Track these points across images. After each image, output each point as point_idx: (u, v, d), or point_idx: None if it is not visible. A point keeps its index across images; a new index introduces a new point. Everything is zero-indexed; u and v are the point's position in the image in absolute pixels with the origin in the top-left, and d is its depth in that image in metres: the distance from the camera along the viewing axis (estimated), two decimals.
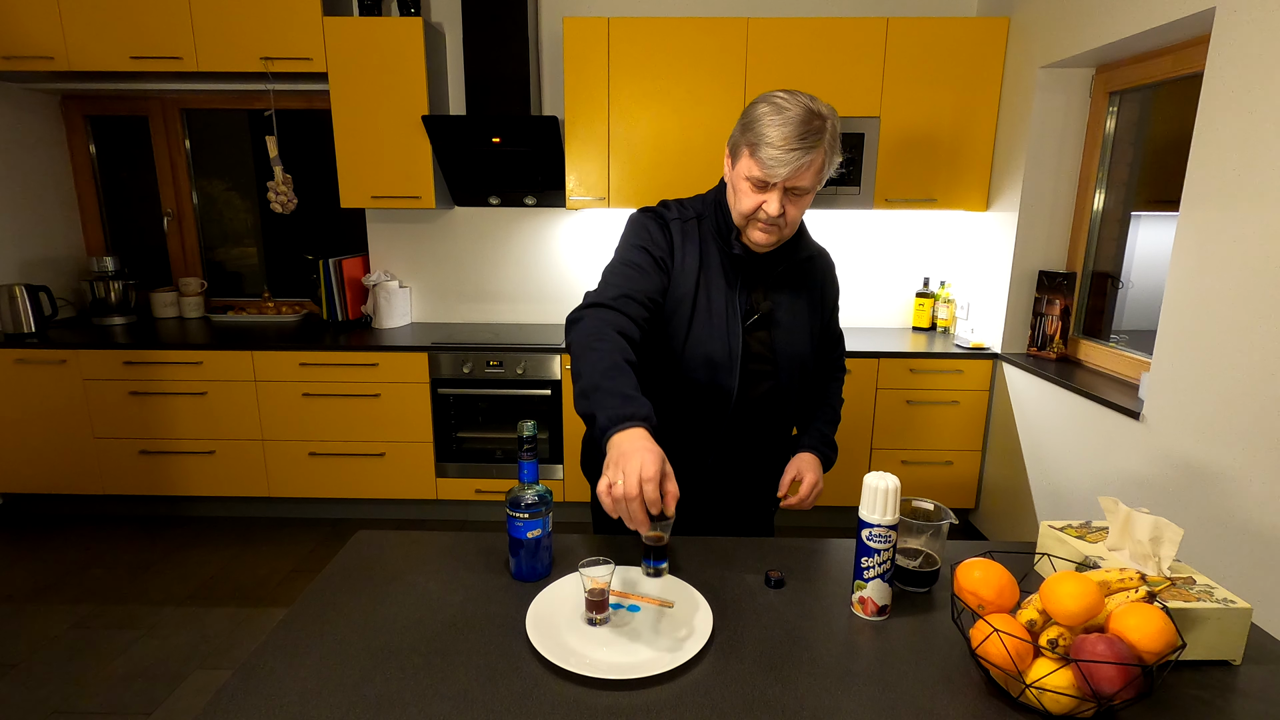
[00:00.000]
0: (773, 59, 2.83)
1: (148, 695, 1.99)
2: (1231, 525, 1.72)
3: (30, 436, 2.96)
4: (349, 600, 1.06)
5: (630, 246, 1.26)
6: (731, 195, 1.26)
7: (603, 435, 0.99)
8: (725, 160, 1.27)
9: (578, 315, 1.18)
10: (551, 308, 3.43)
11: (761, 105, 1.18)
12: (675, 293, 1.26)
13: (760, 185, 1.18)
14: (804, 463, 1.40)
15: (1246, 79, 1.71)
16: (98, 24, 2.80)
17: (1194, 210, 1.87)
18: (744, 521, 1.47)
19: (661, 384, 1.28)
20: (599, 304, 1.18)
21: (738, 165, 1.22)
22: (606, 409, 0.99)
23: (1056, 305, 2.66)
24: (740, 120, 1.21)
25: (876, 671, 0.90)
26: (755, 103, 1.19)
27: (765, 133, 1.14)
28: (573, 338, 1.14)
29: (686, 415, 1.30)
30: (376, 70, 2.86)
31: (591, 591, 0.98)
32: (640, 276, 1.22)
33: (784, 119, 1.13)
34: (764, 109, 1.17)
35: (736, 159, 1.22)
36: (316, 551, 2.86)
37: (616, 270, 1.24)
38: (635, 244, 1.25)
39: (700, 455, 1.34)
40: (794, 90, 1.19)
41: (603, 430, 0.99)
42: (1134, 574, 0.88)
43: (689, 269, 1.26)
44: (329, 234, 3.52)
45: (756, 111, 1.17)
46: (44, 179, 3.30)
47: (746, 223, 1.23)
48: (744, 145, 1.18)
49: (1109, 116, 2.55)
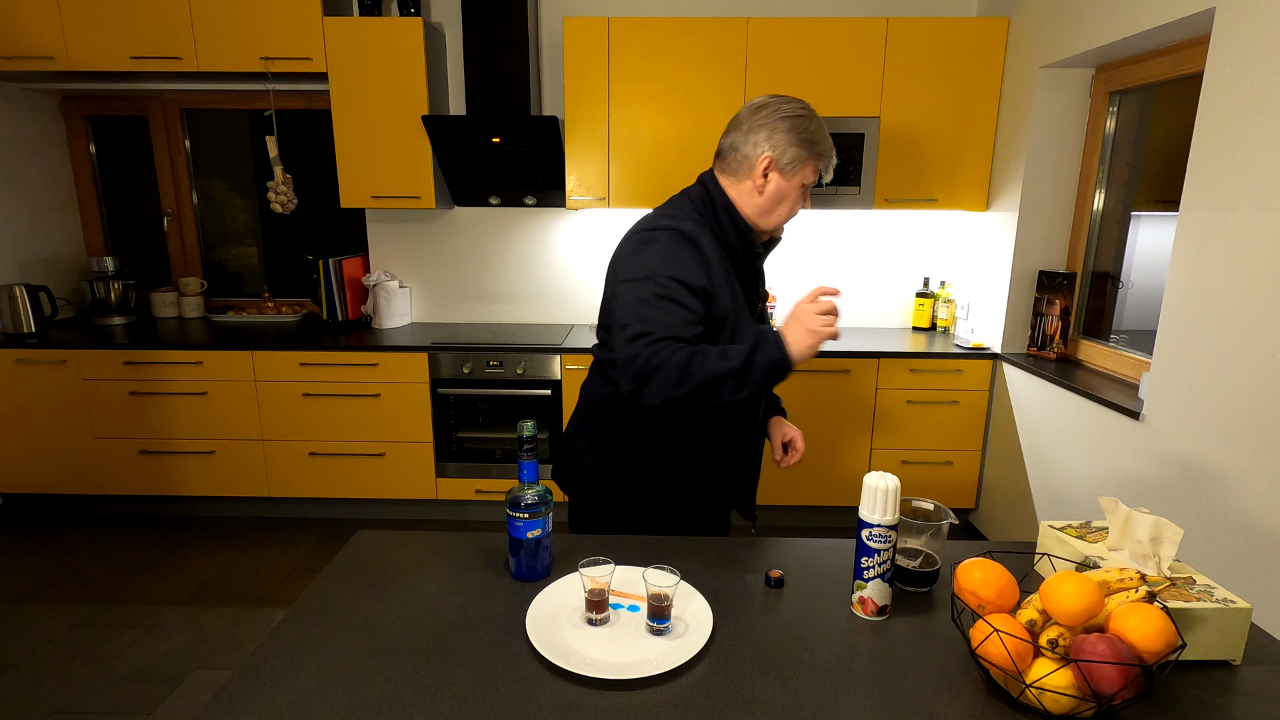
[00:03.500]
0: (773, 59, 2.83)
1: (148, 695, 1.99)
2: (1231, 525, 1.72)
3: (30, 436, 2.96)
4: (349, 600, 1.06)
5: (669, 280, 1.17)
6: (768, 203, 1.27)
7: (787, 362, 1.10)
8: (769, 175, 1.25)
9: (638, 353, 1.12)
10: (551, 308, 3.43)
11: (805, 117, 1.23)
12: (718, 311, 1.23)
13: (808, 189, 1.27)
14: (786, 425, 1.50)
15: (1246, 79, 1.71)
16: (98, 24, 2.80)
17: (1194, 210, 1.87)
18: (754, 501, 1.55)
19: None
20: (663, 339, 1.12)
21: (794, 177, 1.24)
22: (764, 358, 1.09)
23: (1056, 305, 2.66)
24: (787, 134, 1.22)
25: (876, 671, 0.90)
26: (795, 115, 1.22)
27: (825, 140, 1.24)
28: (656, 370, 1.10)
29: (735, 412, 1.35)
30: (376, 70, 2.86)
31: (591, 591, 0.98)
32: (684, 312, 1.16)
33: (823, 125, 1.24)
34: (812, 121, 1.23)
35: (794, 171, 1.24)
36: (316, 551, 2.86)
37: (658, 306, 1.15)
38: (672, 276, 1.17)
39: (743, 445, 1.41)
40: (786, 95, 1.25)
41: (784, 361, 1.09)
42: (1134, 574, 0.88)
43: (722, 283, 1.24)
44: (329, 234, 3.52)
45: (809, 125, 1.23)
46: (44, 179, 3.30)
47: (778, 225, 1.31)
48: (810, 158, 1.23)
49: (1109, 116, 2.55)
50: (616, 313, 1.19)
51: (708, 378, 1.09)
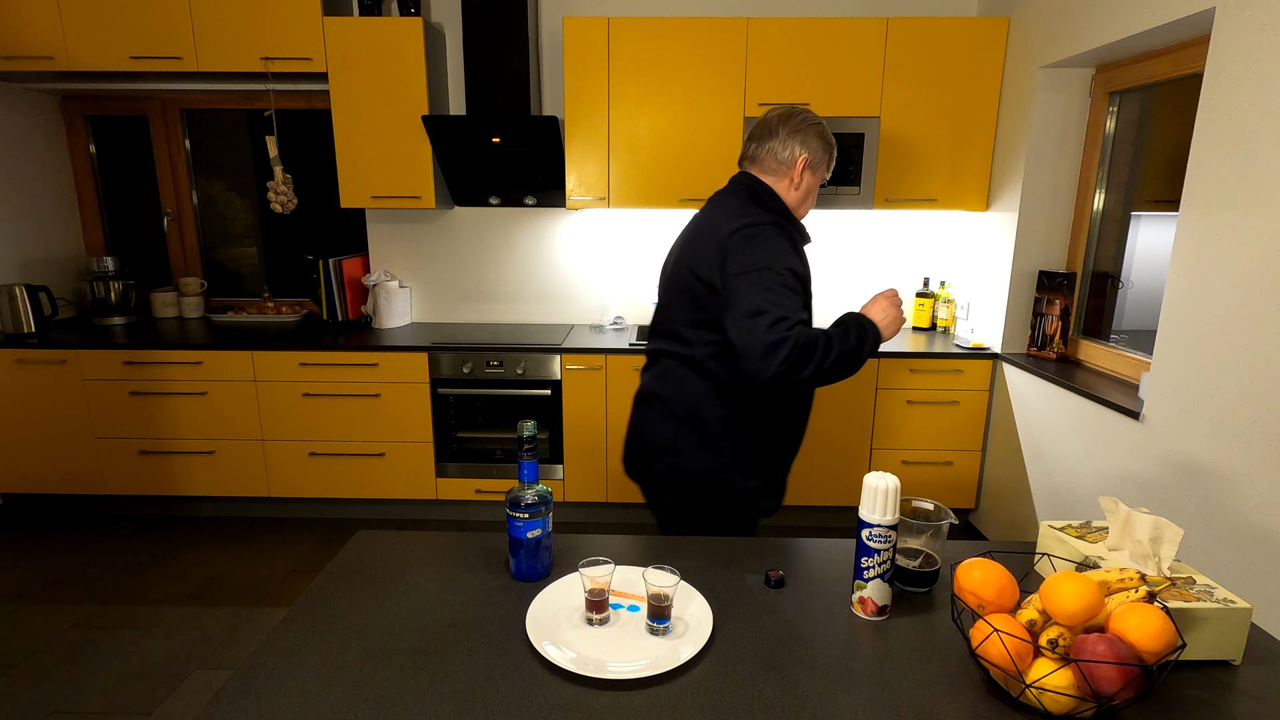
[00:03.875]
0: (773, 59, 2.83)
1: (148, 695, 1.99)
2: (1231, 525, 1.72)
3: (30, 436, 2.96)
4: (349, 600, 1.06)
5: (785, 270, 1.31)
6: (802, 196, 1.46)
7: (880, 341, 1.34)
8: (802, 174, 1.44)
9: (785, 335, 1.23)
10: (551, 308, 3.43)
11: (823, 124, 1.45)
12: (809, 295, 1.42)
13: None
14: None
15: (1246, 79, 1.71)
16: (98, 24, 2.80)
17: (1194, 210, 1.87)
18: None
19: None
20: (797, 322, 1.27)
21: (818, 174, 1.47)
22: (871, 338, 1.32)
23: (1056, 305, 2.66)
24: (817, 139, 1.44)
25: (876, 671, 0.90)
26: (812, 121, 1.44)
27: (834, 143, 1.47)
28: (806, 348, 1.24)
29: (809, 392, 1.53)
30: (376, 70, 2.86)
31: (591, 591, 0.98)
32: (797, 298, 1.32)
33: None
34: (826, 127, 1.46)
35: (820, 169, 1.46)
36: (316, 551, 2.86)
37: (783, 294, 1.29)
38: (786, 266, 1.31)
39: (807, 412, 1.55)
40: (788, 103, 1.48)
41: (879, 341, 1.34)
42: (1134, 574, 0.88)
43: (808, 270, 1.42)
44: (329, 234, 3.52)
45: (827, 130, 1.45)
46: (44, 179, 3.30)
47: (803, 217, 1.50)
48: (828, 158, 1.46)
49: (1109, 116, 2.55)
50: (741, 302, 1.27)
51: (841, 354, 1.26)
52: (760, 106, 2.86)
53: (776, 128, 1.42)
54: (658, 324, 1.50)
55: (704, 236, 1.38)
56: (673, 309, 1.43)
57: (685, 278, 1.38)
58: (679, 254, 1.43)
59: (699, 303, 1.36)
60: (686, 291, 1.38)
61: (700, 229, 1.41)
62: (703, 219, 1.44)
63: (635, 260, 3.35)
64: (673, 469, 1.44)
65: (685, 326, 1.40)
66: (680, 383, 1.43)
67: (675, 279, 1.42)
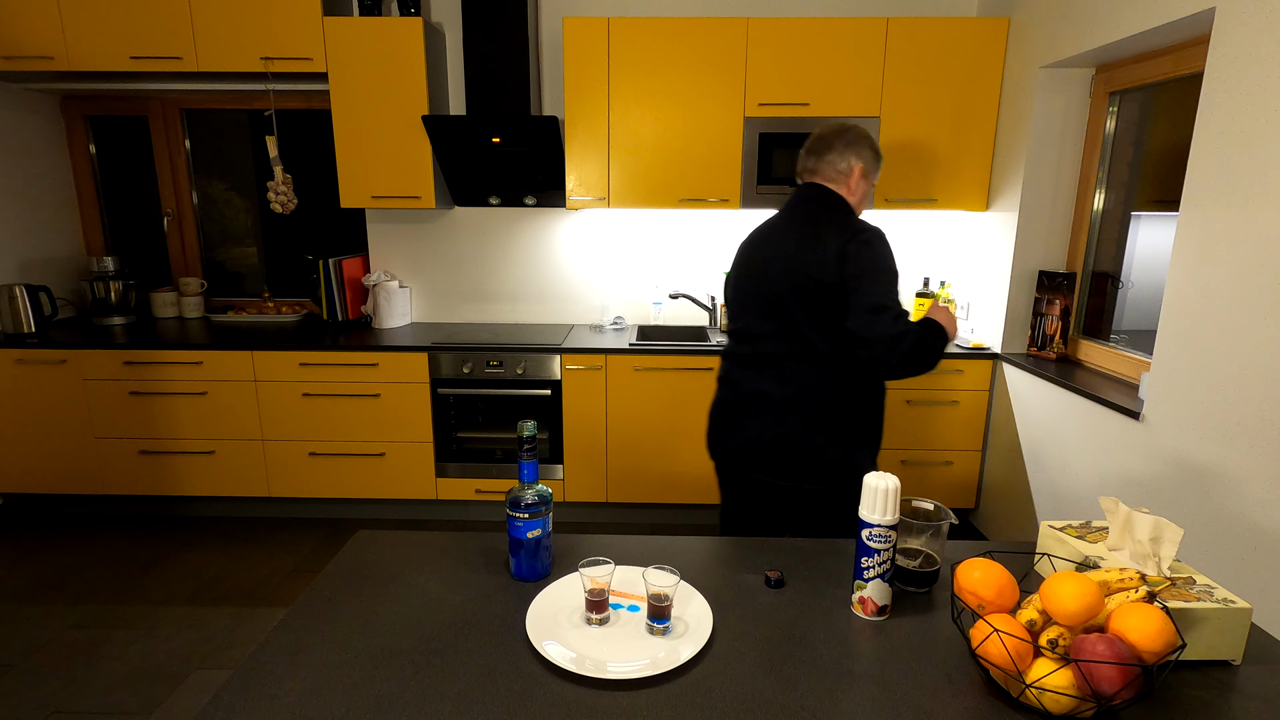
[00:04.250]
0: (773, 59, 2.83)
1: (148, 695, 1.99)
2: (1231, 525, 1.72)
3: (30, 436, 2.96)
4: (349, 600, 1.06)
5: (894, 270, 1.49)
6: (859, 200, 1.63)
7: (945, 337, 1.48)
8: (858, 182, 1.61)
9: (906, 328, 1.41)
10: (551, 308, 3.43)
11: (868, 135, 1.61)
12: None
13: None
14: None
15: (1246, 79, 1.71)
16: (98, 24, 2.80)
17: (1194, 210, 1.87)
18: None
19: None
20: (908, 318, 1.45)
21: (871, 180, 1.63)
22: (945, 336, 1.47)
23: (1056, 305, 2.66)
24: (869, 150, 1.60)
25: (876, 671, 0.90)
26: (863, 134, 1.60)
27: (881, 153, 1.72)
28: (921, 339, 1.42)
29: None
30: (376, 70, 2.86)
31: (591, 591, 0.98)
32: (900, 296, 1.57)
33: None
34: (871, 138, 1.61)
35: (871, 176, 1.62)
36: (316, 551, 2.86)
37: (896, 291, 1.48)
38: (893, 267, 1.49)
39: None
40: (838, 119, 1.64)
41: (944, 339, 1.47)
42: (1134, 574, 0.88)
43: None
44: (329, 234, 3.52)
45: (873, 140, 1.61)
46: (44, 179, 3.30)
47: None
48: (877, 167, 1.63)
49: (1109, 116, 2.55)
50: (865, 300, 1.43)
51: (936, 350, 1.43)
52: (760, 106, 2.86)
53: (833, 141, 1.59)
54: (756, 329, 1.58)
55: (813, 244, 1.50)
56: (790, 312, 1.52)
57: (803, 283, 1.49)
58: (789, 262, 1.52)
59: (819, 304, 1.48)
60: (806, 295, 1.49)
61: (805, 237, 1.52)
62: (798, 227, 1.56)
63: (635, 260, 3.35)
64: (816, 462, 1.54)
65: (808, 327, 1.51)
66: (808, 380, 1.53)
67: (790, 285, 1.51)
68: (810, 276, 1.48)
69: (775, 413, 1.55)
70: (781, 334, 1.54)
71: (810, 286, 1.48)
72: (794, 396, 1.53)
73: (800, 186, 1.64)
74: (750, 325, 1.60)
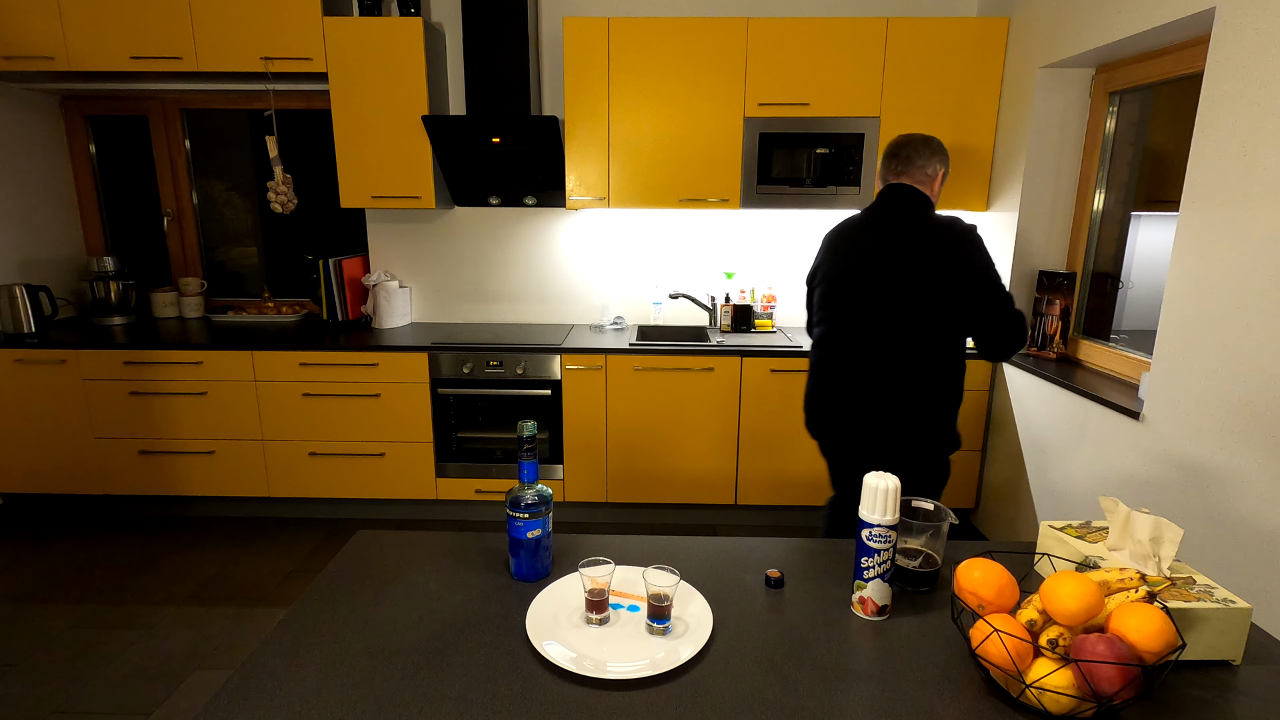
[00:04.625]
0: (773, 59, 2.83)
1: (148, 695, 1.99)
2: (1231, 525, 1.72)
3: (30, 436, 2.96)
4: (349, 600, 1.06)
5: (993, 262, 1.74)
6: (938, 200, 1.85)
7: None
8: (939, 184, 1.84)
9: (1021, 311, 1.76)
10: (551, 308, 3.43)
11: (942, 145, 1.83)
12: None
13: None
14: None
15: (1246, 79, 1.71)
16: (98, 24, 2.80)
17: (1194, 210, 1.87)
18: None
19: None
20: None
21: (945, 182, 1.97)
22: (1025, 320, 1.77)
23: (1057, 305, 2.66)
24: (946, 156, 1.84)
25: (876, 671, 0.90)
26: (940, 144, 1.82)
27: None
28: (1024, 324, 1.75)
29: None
30: (376, 70, 2.86)
31: (591, 591, 0.98)
32: None
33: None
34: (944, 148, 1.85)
35: (945, 179, 1.87)
36: (316, 551, 2.86)
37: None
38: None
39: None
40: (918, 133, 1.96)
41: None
42: (1134, 574, 0.88)
43: None
44: (329, 234, 3.52)
45: (946, 150, 1.84)
46: (44, 179, 3.30)
47: None
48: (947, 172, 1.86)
49: (1109, 116, 2.55)
50: (990, 290, 1.68)
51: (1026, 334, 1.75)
52: (760, 106, 2.86)
53: (920, 149, 1.81)
54: (875, 320, 1.75)
55: (930, 241, 1.70)
56: (917, 304, 1.70)
57: (927, 277, 1.68)
58: (914, 260, 1.70)
59: (941, 295, 1.69)
60: (929, 288, 1.69)
61: (914, 230, 1.73)
62: (902, 221, 1.75)
63: (635, 260, 3.35)
64: (942, 435, 1.79)
65: (934, 317, 1.71)
66: (933, 363, 1.75)
67: (916, 279, 1.70)
68: (934, 271, 1.68)
69: (911, 396, 1.75)
70: (908, 324, 1.72)
71: (934, 281, 1.68)
72: (927, 378, 1.75)
73: (889, 187, 1.83)
74: (862, 310, 1.77)
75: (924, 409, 1.75)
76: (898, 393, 1.75)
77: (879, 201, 1.82)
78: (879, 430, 1.79)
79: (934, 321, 1.70)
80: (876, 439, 1.79)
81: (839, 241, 1.85)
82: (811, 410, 1.92)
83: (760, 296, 3.32)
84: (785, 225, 3.29)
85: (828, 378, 1.85)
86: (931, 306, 1.70)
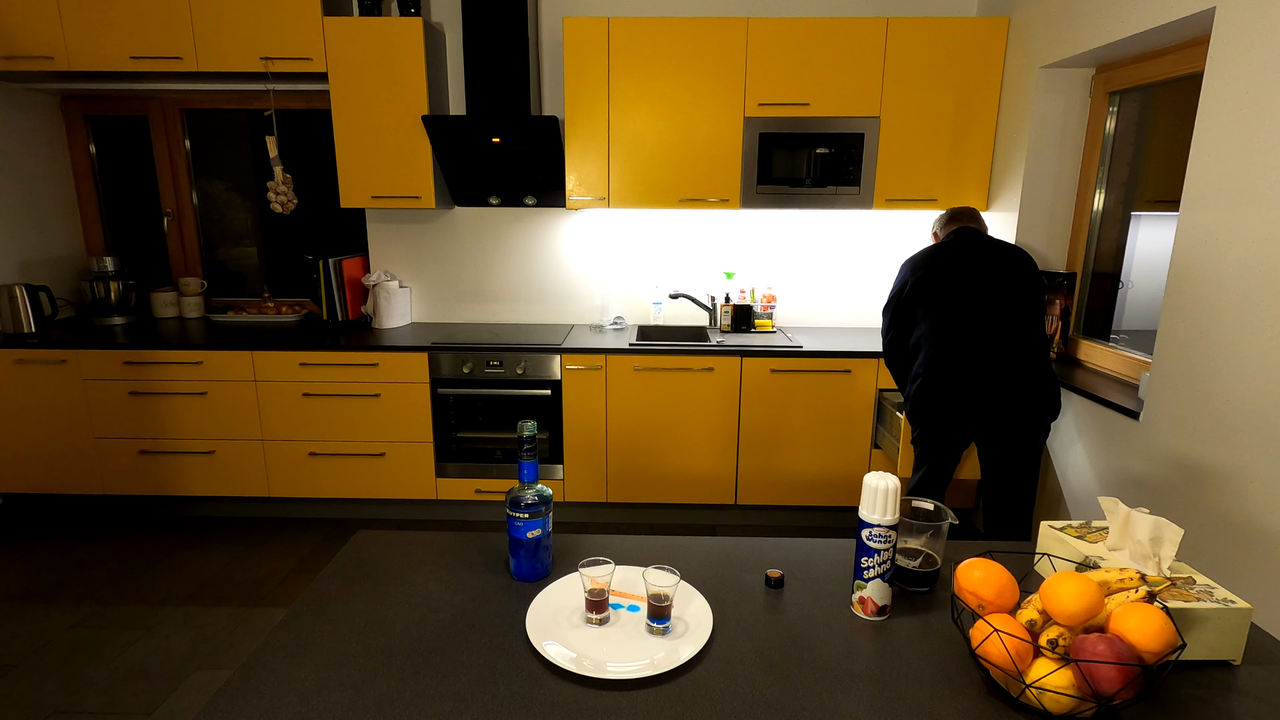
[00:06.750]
0: (773, 59, 2.83)
1: (148, 695, 1.99)
2: (1231, 525, 1.72)
3: (30, 436, 2.96)
4: (349, 600, 1.06)
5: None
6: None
7: None
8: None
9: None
10: (551, 308, 3.43)
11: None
12: None
13: None
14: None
15: (1246, 79, 1.71)
16: (98, 24, 2.80)
17: (1194, 210, 1.87)
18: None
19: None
20: None
21: None
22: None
23: (1056, 305, 2.66)
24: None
25: (876, 671, 0.90)
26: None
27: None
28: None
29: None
30: (376, 70, 2.86)
31: (591, 591, 0.98)
32: None
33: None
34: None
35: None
36: (316, 551, 2.86)
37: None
38: None
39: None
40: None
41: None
42: (1134, 574, 0.88)
43: None
44: (329, 234, 3.52)
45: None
46: (44, 179, 3.30)
47: None
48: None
49: (1109, 116, 2.55)
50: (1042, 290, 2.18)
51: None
52: (760, 106, 2.86)
53: (977, 214, 2.37)
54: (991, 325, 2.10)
55: (1024, 266, 2.16)
56: (1025, 312, 2.12)
57: (1029, 292, 2.13)
58: (1019, 278, 2.14)
59: (1036, 306, 2.13)
60: (1031, 300, 2.13)
61: (1018, 262, 2.16)
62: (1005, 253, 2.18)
63: (635, 260, 3.35)
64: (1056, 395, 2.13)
65: (1035, 322, 2.13)
66: (1038, 356, 2.11)
67: (1026, 293, 2.13)
68: (1031, 289, 2.14)
69: (1032, 382, 2.08)
70: (1019, 327, 2.10)
71: (1033, 295, 2.14)
72: (1038, 369, 2.09)
73: (963, 227, 2.30)
74: (986, 324, 2.10)
75: (1044, 373, 2.11)
76: (1023, 364, 2.09)
77: (959, 234, 2.26)
78: (1019, 397, 2.09)
79: (1032, 321, 2.12)
80: (1017, 406, 2.09)
81: (947, 260, 2.20)
82: (933, 397, 2.16)
83: (760, 296, 3.32)
84: (785, 225, 3.29)
85: (950, 366, 2.13)
86: (1032, 310, 2.13)
